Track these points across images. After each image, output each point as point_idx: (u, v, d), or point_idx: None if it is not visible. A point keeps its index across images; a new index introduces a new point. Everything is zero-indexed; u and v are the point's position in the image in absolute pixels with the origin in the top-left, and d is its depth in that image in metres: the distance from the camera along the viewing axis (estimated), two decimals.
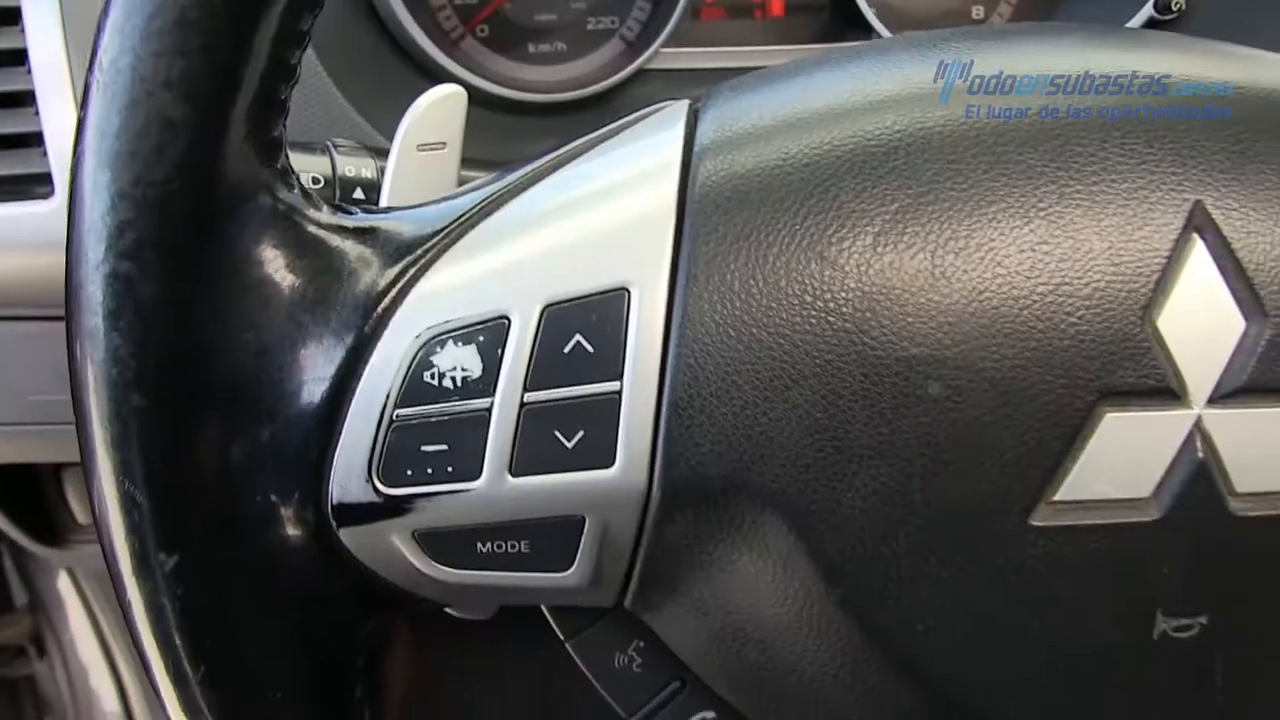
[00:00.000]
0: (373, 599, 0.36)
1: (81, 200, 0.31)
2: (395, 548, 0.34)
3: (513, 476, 0.33)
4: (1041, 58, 0.36)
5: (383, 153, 0.49)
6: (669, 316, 0.33)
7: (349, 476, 0.34)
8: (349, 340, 0.34)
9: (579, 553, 0.34)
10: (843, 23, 0.75)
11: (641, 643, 0.39)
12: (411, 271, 0.34)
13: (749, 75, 0.38)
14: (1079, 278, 0.32)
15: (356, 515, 0.34)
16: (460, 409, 0.33)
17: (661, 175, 0.34)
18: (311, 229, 0.34)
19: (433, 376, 0.33)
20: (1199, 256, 0.32)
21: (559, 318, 0.33)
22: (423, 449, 0.33)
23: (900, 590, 0.33)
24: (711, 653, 0.37)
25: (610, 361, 0.33)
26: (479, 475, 0.33)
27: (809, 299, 0.32)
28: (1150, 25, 0.73)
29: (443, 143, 0.44)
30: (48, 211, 0.57)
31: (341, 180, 0.50)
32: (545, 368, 0.33)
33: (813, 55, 0.39)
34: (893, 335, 0.32)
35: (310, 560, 0.34)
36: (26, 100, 0.58)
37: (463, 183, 0.43)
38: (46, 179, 0.57)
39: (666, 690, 0.39)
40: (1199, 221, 0.33)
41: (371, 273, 0.34)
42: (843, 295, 0.32)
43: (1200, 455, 0.32)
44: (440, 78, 0.67)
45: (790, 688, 0.36)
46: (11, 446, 0.72)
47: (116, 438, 0.32)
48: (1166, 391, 0.32)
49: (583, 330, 0.33)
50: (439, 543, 0.34)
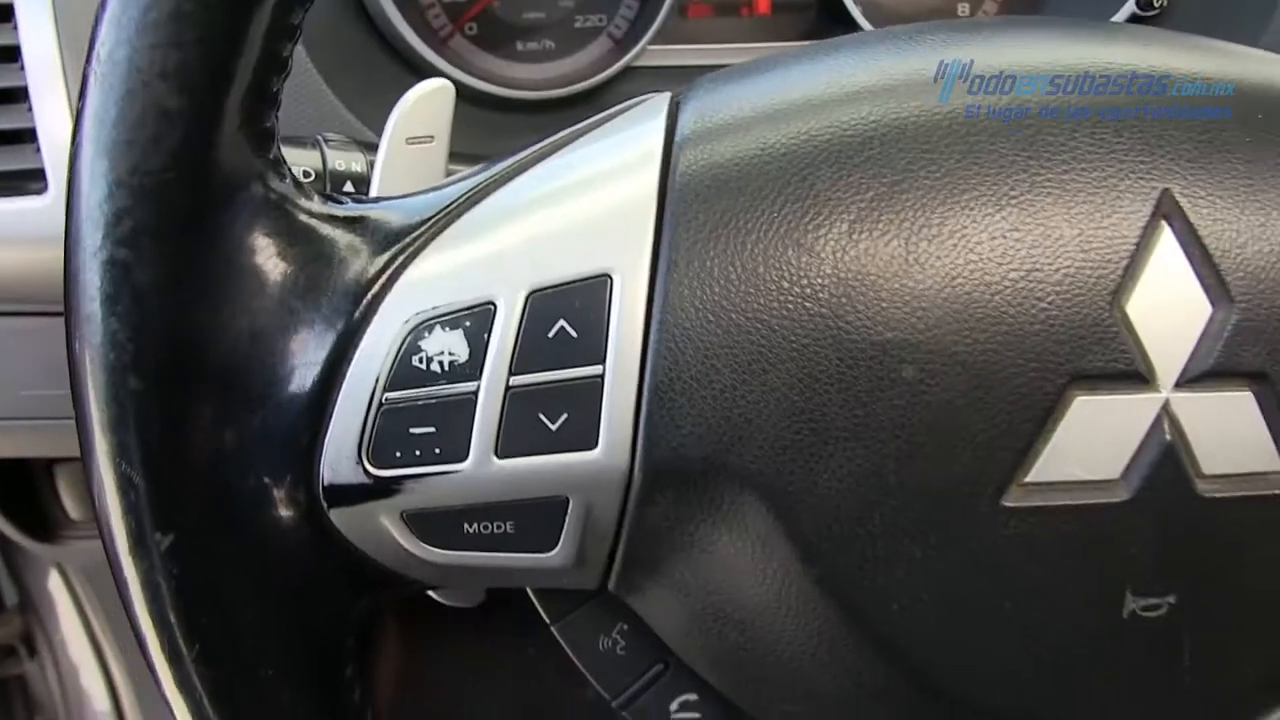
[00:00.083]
0: (363, 580, 0.36)
1: (79, 189, 0.32)
2: (384, 528, 0.35)
3: (498, 458, 0.34)
4: (1017, 51, 0.36)
5: (372, 147, 0.49)
6: (650, 302, 0.33)
7: (339, 458, 0.34)
8: (339, 326, 0.34)
9: (563, 533, 0.34)
10: (829, 20, 0.75)
11: (625, 626, 0.39)
12: (400, 259, 0.35)
13: (729, 68, 0.39)
14: (1049, 264, 0.32)
15: (347, 496, 0.34)
16: (447, 392, 0.34)
17: (643, 165, 0.35)
18: (303, 218, 0.34)
19: (421, 361, 0.34)
20: (1167, 243, 0.33)
21: (543, 303, 0.33)
22: (411, 431, 0.34)
23: (876, 570, 0.34)
24: (693, 634, 0.37)
25: (593, 346, 0.33)
26: (465, 457, 0.34)
27: (786, 285, 0.33)
28: (1133, 21, 0.73)
29: (431, 136, 0.44)
30: (41, 207, 0.57)
31: (332, 174, 0.50)
32: (530, 352, 0.33)
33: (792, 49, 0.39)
34: (868, 320, 0.32)
35: (302, 541, 0.35)
36: (20, 97, 0.58)
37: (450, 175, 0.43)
38: (40, 175, 0.57)
39: (650, 673, 0.39)
40: (1167, 209, 0.33)
41: (361, 260, 0.35)
42: (819, 281, 0.32)
43: (1168, 438, 0.33)
44: (429, 75, 0.67)
45: (770, 667, 0.36)
46: (4, 441, 0.71)
47: (114, 420, 0.32)
48: (1135, 375, 0.33)
49: (566, 315, 0.33)
50: (427, 523, 0.35)
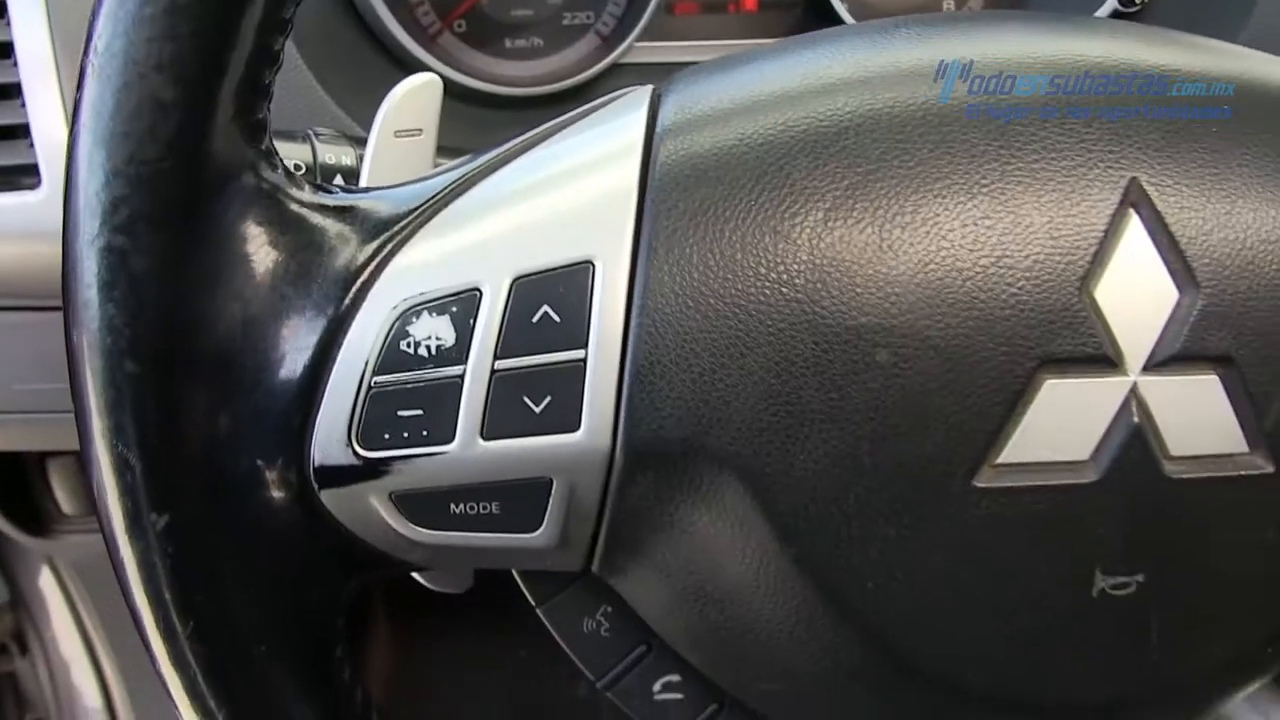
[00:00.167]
0: (352, 560, 0.37)
1: (77, 178, 0.32)
2: (373, 509, 0.35)
3: (484, 440, 0.34)
4: (990, 44, 0.37)
5: (362, 142, 0.49)
6: (631, 288, 0.34)
7: (329, 440, 0.35)
8: (329, 312, 0.35)
9: (547, 514, 0.35)
10: (815, 17, 0.75)
11: (609, 608, 0.39)
12: (389, 247, 0.35)
13: (709, 61, 0.39)
14: (1019, 250, 0.33)
15: (337, 477, 0.35)
16: (434, 376, 0.34)
17: (625, 156, 0.35)
18: (294, 207, 0.35)
19: (408, 345, 0.34)
20: (1134, 230, 0.34)
21: (528, 289, 0.34)
22: (399, 414, 0.34)
23: (851, 549, 0.34)
24: (674, 614, 0.38)
25: (576, 331, 0.34)
26: (452, 439, 0.34)
27: (763, 271, 0.33)
28: (1115, 17, 0.73)
29: (419, 129, 0.44)
30: (34, 202, 0.58)
31: (322, 167, 0.50)
32: (515, 337, 0.34)
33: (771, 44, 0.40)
34: (842, 305, 0.33)
35: (294, 521, 0.35)
36: (13, 93, 0.58)
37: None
38: (33, 170, 0.58)
39: (634, 654, 0.40)
40: (1134, 197, 0.34)
41: (350, 248, 0.35)
42: (795, 267, 0.33)
43: (1136, 420, 0.34)
44: (418, 71, 0.67)
45: (749, 646, 0.37)
46: None
47: (111, 403, 0.32)
48: (1103, 359, 0.33)
49: (550, 301, 0.34)
50: (414, 504, 0.35)
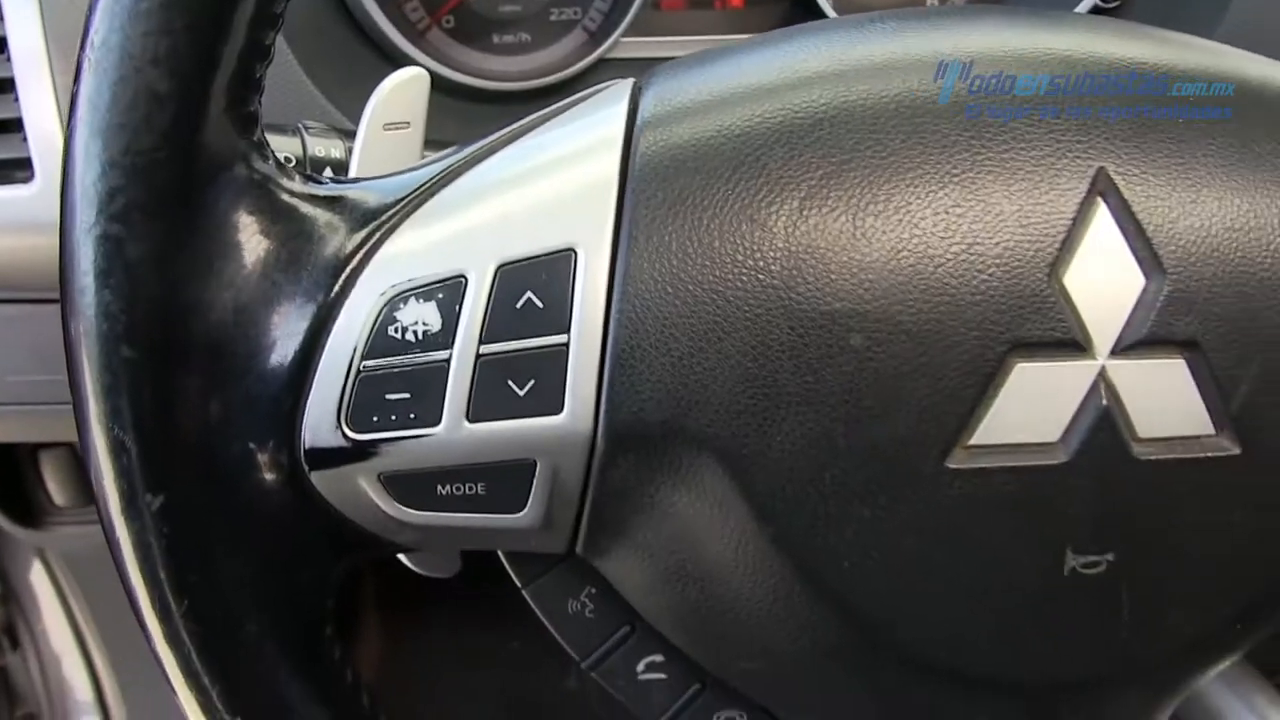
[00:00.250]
0: (342, 541, 0.37)
1: (74, 168, 0.33)
2: (362, 490, 0.36)
3: (469, 422, 0.35)
4: (964, 40, 0.37)
5: (351, 135, 0.49)
6: (612, 274, 0.34)
7: (320, 423, 0.35)
8: (319, 298, 0.35)
9: (531, 494, 0.36)
10: (801, 12, 0.75)
11: (594, 589, 0.40)
12: (377, 235, 0.36)
13: (689, 55, 0.40)
14: (990, 238, 0.34)
15: (327, 459, 0.35)
16: (421, 360, 0.35)
17: (606, 147, 0.36)
18: (285, 197, 0.36)
19: (396, 331, 0.35)
20: (1102, 218, 0.34)
21: (512, 276, 0.35)
22: (387, 397, 0.35)
23: (827, 528, 0.35)
24: (656, 594, 0.38)
25: (558, 316, 0.34)
26: (439, 421, 0.35)
27: (740, 258, 0.34)
28: (1095, 13, 0.73)
29: (407, 122, 0.45)
30: (28, 196, 0.58)
31: (312, 160, 0.51)
32: (499, 322, 0.35)
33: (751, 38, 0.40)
34: (817, 291, 0.34)
35: (285, 503, 0.36)
36: (6, 87, 0.58)
37: None
38: (26, 164, 0.58)
39: (617, 634, 0.40)
40: (1102, 186, 0.34)
41: (340, 237, 0.36)
42: (771, 254, 0.34)
43: (1104, 403, 0.34)
44: (406, 66, 0.68)
45: (729, 625, 0.38)
46: None
47: (107, 387, 0.33)
48: (1072, 344, 0.34)
49: (533, 287, 0.34)
50: (402, 485, 0.36)
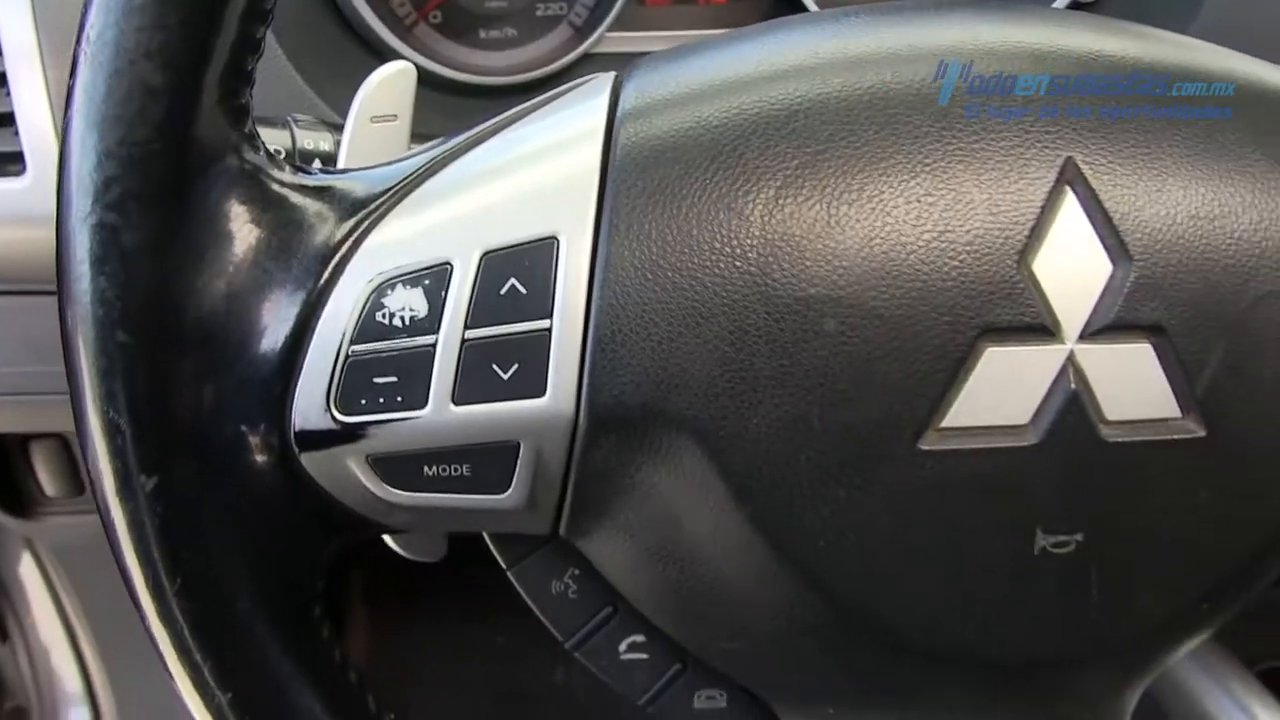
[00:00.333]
0: (331, 523, 0.38)
1: (70, 159, 0.34)
2: (351, 471, 0.37)
3: (455, 405, 0.35)
4: (927, 34, 0.38)
5: (339, 128, 0.50)
6: (593, 261, 0.35)
7: (309, 406, 0.36)
8: (309, 286, 0.36)
9: (515, 475, 0.36)
10: (784, 7, 0.75)
11: (577, 570, 0.41)
12: (364, 224, 0.37)
13: (669, 49, 0.41)
14: (960, 226, 0.34)
15: (316, 441, 0.36)
16: (408, 345, 0.36)
17: (588, 138, 0.37)
18: (275, 187, 0.36)
19: (384, 316, 0.36)
20: (1070, 207, 0.35)
21: (496, 263, 0.35)
22: (375, 381, 0.36)
23: (803, 509, 0.36)
24: (638, 574, 0.39)
25: (541, 302, 0.35)
26: (425, 404, 0.36)
27: (718, 245, 0.35)
28: (1073, 8, 0.73)
29: (394, 115, 0.46)
30: (19, 189, 0.58)
31: (301, 152, 0.52)
32: (484, 308, 0.35)
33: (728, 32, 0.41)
34: (793, 277, 0.34)
35: (276, 484, 0.37)
36: None
37: None
38: (18, 158, 0.58)
39: (600, 615, 0.41)
40: (1070, 175, 0.35)
41: (328, 226, 0.36)
42: (748, 242, 0.34)
43: (1073, 386, 0.35)
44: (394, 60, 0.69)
45: (709, 605, 0.38)
46: None
47: (102, 370, 0.34)
48: (1041, 329, 0.35)
49: (517, 274, 0.35)
50: (390, 466, 0.36)
